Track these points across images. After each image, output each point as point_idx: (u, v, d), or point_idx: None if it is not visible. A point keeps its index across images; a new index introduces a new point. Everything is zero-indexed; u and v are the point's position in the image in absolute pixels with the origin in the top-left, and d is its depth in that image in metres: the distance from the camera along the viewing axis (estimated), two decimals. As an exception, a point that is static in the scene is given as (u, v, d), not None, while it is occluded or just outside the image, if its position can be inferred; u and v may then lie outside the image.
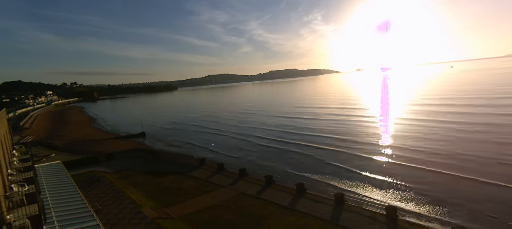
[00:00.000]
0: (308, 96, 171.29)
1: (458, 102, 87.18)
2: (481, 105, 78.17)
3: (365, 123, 70.35)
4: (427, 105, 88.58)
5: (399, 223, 22.36)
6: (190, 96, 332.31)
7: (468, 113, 68.91)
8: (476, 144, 43.84)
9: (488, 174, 32.49)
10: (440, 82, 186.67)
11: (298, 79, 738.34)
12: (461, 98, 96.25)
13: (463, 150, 41.76)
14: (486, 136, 47.48)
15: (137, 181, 36.56)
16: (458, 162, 37.19)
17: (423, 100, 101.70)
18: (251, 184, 33.58)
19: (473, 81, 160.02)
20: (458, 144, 44.88)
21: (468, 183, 31.08)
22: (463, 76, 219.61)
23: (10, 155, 30.64)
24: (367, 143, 50.78)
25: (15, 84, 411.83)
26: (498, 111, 67.58)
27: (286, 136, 63.37)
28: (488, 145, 42.73)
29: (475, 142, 45.14)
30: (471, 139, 46.71)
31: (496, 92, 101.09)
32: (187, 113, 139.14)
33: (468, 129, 53.56)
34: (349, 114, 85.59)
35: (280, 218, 23.75)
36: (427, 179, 32.78)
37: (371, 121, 72.51)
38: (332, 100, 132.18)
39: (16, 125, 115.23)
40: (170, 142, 70.59)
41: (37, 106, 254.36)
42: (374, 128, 63.89)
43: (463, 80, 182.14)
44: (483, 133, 49.87)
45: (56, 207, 20.24)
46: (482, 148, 41.86)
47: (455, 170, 34.38)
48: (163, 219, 24.48)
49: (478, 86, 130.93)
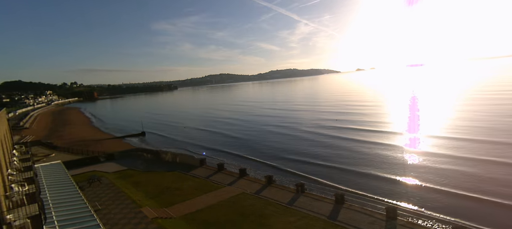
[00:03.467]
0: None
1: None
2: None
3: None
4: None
5: (399, 223, 22.34)
6: (195, 96, 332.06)
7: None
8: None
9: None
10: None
11: (299, 79, 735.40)
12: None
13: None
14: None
15: (137, 181, 36.55)
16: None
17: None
18: (251, 183, 33.59)
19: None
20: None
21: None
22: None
23: (10, 155, 30.64)
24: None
25: (15, 84, 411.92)
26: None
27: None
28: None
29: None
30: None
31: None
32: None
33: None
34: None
35: (280, 217, 23.74)
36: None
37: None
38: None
39: (16, 125, 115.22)
40: (170, 141, 70.61)
41: (37, 106, 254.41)
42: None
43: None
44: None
45: (56, 207, 20.23)
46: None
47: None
48: (163, 219, 24.47)
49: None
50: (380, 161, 40.93)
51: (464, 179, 32.39)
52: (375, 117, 78.02)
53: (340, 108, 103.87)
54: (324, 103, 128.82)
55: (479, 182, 31.01)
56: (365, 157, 43.23)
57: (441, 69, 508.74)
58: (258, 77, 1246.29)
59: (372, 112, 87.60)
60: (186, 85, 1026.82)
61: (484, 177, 32.34)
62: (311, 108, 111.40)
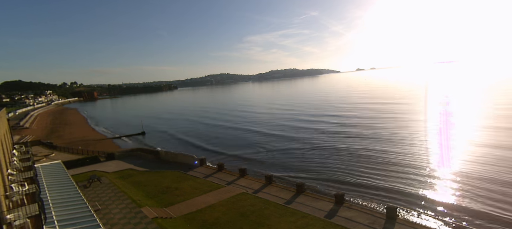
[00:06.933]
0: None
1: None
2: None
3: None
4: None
5: (399, 223, 22.34)
6: (193, 96, 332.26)
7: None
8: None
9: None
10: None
11: (302, 79, 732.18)
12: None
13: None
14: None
15: (137, 180, 36.56)
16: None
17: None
18: (251, 183, 33.61)
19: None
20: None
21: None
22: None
23: (10, 154, 30.63)
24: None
25: (15, 83, 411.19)
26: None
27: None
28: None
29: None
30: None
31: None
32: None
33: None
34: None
35: (280, 217, 23.73)
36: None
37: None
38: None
39: (16, 125, 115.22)
40: (170, 141, 70.62)
41: (37, 105, 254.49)
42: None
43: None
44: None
45: (56, 207, 20.23)
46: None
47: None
48: (163, 218, 24.47)
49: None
50: (381, 161, 40.94)
51: (464, 179, 32.39)
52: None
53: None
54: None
55: (483, 183, 30.99)
56: (367, 156, 43.25)
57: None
58: (258, 77, 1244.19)
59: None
60: (186, 85, 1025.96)
61: (487, 176, 32.33)
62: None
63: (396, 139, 51.62)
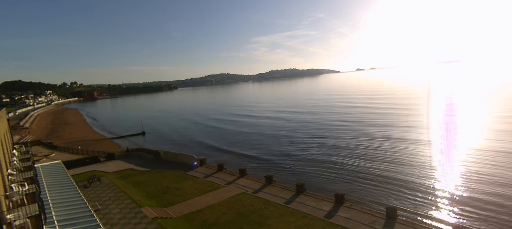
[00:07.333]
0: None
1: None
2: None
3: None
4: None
5: (399, 223, 22.33)
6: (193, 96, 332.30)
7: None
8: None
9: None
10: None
11: (302, 79, 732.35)
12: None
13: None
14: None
15: (137, 180, 36.56)
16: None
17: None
18: (251, 183, 33.60)
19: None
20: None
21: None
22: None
23: (10, 154, 30.64)
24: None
25: (15, 83, 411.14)
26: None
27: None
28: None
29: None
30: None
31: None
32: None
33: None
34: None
35: (280, 217, 23.73)
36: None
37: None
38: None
39: (16, 125, 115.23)
40: (170, 141, 70.61)
41: (37, 105, 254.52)
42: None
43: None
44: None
45: (56, 207, 20.23)
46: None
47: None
48: (163, 219, 24.47)
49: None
50: (381, 160, 40.93)
51: (465, 179, 32.39)
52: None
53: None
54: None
55: (484, 184, 30.98)
56: (367, 156, 43.24)
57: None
58: (258, 77, 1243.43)
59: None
60: (186, 85, 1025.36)
61: (489, 177, 32.32)
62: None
63: (396, 139, 51.64)
